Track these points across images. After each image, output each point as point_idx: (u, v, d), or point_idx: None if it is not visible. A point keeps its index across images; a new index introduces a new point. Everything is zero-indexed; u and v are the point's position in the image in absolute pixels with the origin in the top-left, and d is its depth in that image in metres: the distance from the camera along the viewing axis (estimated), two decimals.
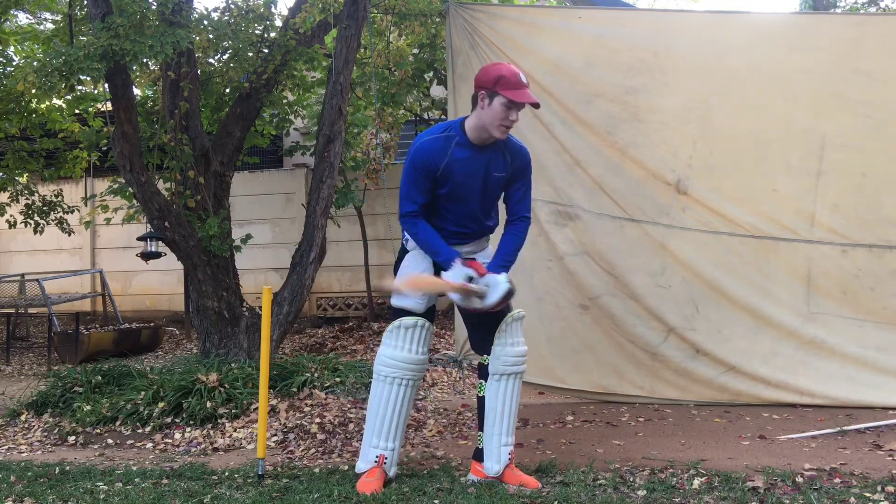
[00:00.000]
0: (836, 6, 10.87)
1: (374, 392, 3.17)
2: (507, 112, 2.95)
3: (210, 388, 4.60)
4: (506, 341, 3.15)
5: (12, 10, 7.01)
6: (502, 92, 2.93)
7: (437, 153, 3.03)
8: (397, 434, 3.16)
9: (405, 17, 6.38)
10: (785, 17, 5.24)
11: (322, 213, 5.63)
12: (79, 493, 3.16)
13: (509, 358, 3.14)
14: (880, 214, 4.44)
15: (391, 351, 3.14)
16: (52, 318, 7.91)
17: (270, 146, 8.86)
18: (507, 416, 3.14)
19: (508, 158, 3.12)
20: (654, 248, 4.61)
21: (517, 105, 2.96)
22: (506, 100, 2.93)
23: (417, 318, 3.13)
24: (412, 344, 3.13)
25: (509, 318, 3.16)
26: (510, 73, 2.96)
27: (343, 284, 9.25)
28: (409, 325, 3.13)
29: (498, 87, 2.94)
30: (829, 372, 4.40)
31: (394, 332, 3.14)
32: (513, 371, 3.15)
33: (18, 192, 7.84)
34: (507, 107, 2.94)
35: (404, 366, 3.12)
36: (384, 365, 3.14)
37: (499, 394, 3.14)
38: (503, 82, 2.93)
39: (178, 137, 5.50)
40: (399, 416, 3.14)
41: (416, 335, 3.13)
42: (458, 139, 3.05)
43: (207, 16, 5.78)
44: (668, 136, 4.59)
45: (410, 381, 3.15)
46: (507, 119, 2.96)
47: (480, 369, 3.23)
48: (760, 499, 2.78)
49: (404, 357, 3.12)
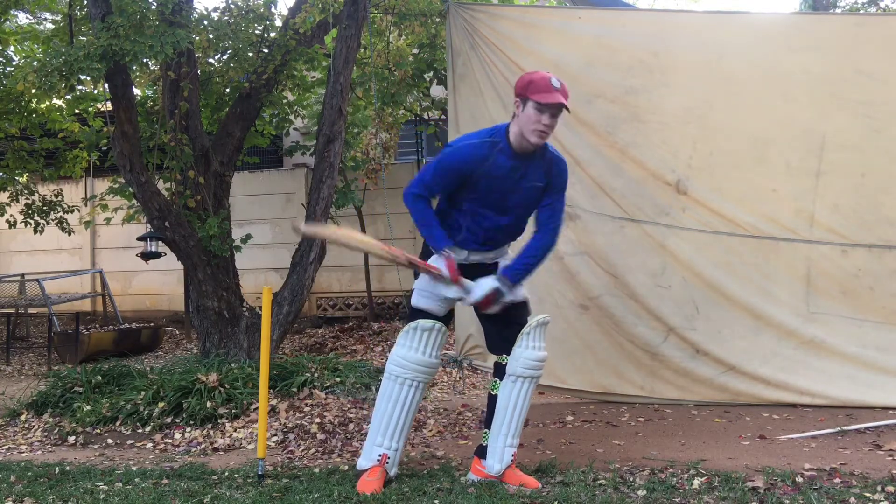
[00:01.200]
0: (836, 6, 10.87)
1: (383, 391, 3.17)
2: (539, 116, 2.99)
3: (210, 388, 4.60)
4: (528, 344, 3.16)
5: (12, 10, 7.01)
6: (532, 96, 2.98)
7: (477, 159, 3.05)
8: (402, 434, 3.16)
9: (405, 17, 6.38)
10: (785, 17, 5.24)
11: (322, 213, 5.63)
12: (79, 493, 3.16)
13: (530, 361, 3.15)
14: (880, 214, 4.44)
15: (405, 352, 3.13)
16: (52, 318, 7.91)
17: (270, 146, 8.86)
18: (517, 418, 3.16)
19: (545, 168, 3.13)
20: (654, 248, 4.61)
21: (549, 108, 2.99)
22: (536, 103, 2.98)
23: (435, 322, 3.12)
24: (427, 347, 3.13)
25: (534, 322, 3.18)
26: (540, 77, 3.03)
27: (343, 284, 9.25)
28: (426, 328, 3.12)
29: (529, 93, 3.00)
30: (829, 372, 4.40)
31: (410, 333, 3.14)
32: (530, 374, 3.16)
33: (18, 192, 7.84)
34: (538, 110, 2.98)
35: (416, 367, 3.12)
36: (396, 365, 3.13)
37: (512, 395, 3.15)
38: (533, 87, 2.99)
39: (178, 137, 5.50)
40: (406, 416, 3.15)
41: (431, 338, 3.13)
42: (501, 145, 3.07)
43: (207, 16, 5.79)
44: (668, 136, 4.59)
45: (421, 383, 3.15)
46: (539, 123, 2.99)
47: (496, 368, 3.24)
48: (760, 499, 2.78)
49: (417, 359, 3.12)
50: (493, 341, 3.28)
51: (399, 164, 9.34)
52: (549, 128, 3.02)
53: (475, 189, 3.08)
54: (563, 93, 3.02)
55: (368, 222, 8.56)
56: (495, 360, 3.26)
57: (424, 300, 3.16)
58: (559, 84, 3.02)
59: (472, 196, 3.10)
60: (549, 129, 3.02)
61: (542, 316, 3.22)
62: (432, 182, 3.12)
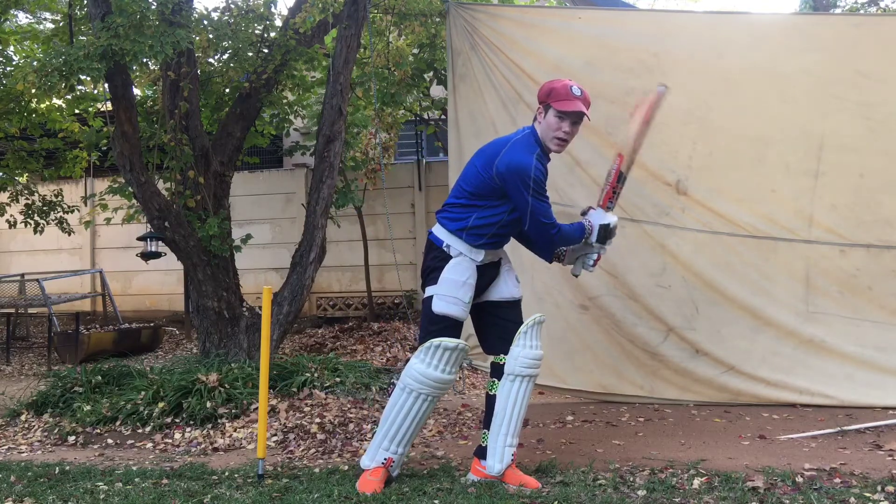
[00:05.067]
0: (836, 6, 10.87)
1: (396, 400, 3.13)
2: (560, 123, 3.04)
3: (210, 388, 4.60)
4: (525, 343, 3.16)
5: (12, 10, 7.01)
6: (553, 104, 3.03)
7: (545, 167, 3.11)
8: (409, 441, 3.18)
9: (405, 17, 6.39)
10: (785, 17, 5.24)
11: (322, 213, 5.63)
12: (79, 493, 3.16)
13: (527, 360, 3.15)
14: (878, 215, 4.45)
15: (424, 368, 3.08)
16: (52, 318, 7.91)
17: (270, 146, 8.86)
18: (516, 418, 3.15)
19: None
20: (654, 248, 4.61)
21: (569, 116, 3.02)
22: (557, 111, 3.02)
23: (459, 342, 3.08)
24: (447, 365, 3.09)
25: (531, 321, 3.19)
26: (561, 85, 3.06)
27: (343, 284, 9.25)
28: (449, 347, 3.06)
29: (550, 100, 3.04)
30: (828, 371, 4.41)
31: (432, 350, 3.07)
32: (528, 373, 3.16)
33: (18, 192, 7.84)
34: (559, 118, 3.03)
35: (433, 384, 3.09)
36: (413, 380, 3.09)
37: (511, 394, 3.15)
38: (554, 94, 3.04)
39: (178, 137, 5.50)
40: (416, 425, 3.15)
41: (452, 357, 3.08)
42: (539, 152, 3.10)
43: (207, 16, 5.79)
44: (668, 136, 4.59)
45: (435, 397, 3.14)
46: (560, 130, 3.04)
47: (494, 368, 3.24)
48: (760, 499, 2.78)
49: (436, 377, 3.08)
50: (490, 342, 3.27)
51: (399, 164, 9.34)
52: (569, 135, 3.08)
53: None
54: (585, 101, 3.06)
55: (368, 222, 8.56)
56: (492, 361, 3.26)
57: (447, 305, 3.11)
58: (580, 92, 3.05)
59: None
60: (569, 136, 3.08)
61: (537, 315, 3.23)
62: (546, 201, 3.10)
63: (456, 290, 3.11)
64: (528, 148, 3.09)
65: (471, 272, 3.14)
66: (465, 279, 3.12)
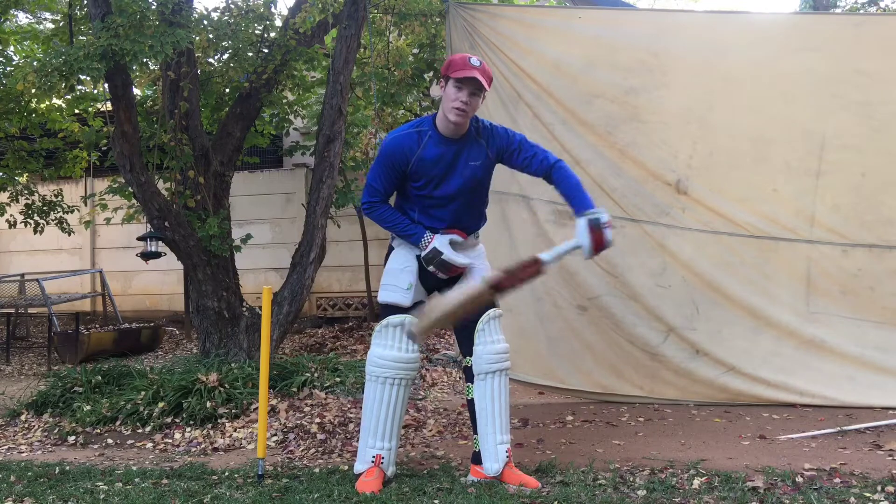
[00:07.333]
0: (836, 6, 10.87)
1: (367, 393, 3.17)
2: (457, 93, 3.01)
3: (210, 388, 4.60)
4: (485, 340, 3.15)
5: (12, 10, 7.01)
6: (451, 74, 3.03)
7: (407, 148, 3.09)
8: (393, 433, 3.16)
9: (405, 17, 6.38)
10: (785, 17, 5.24)
11: (322, 213, 5.63)
12: (79, 493, 3.16)
13: (491, 356, 3.14)
14: (880, 214, 4.45)
15: (381, 350, 3.13)
16: (52, 318, 7.90)
17: (270, 146, 8.85)
18: (499, 414, 3.13)
19: (483, 143, 3.16)
20: (654, 248, 4.61)
21: (465, 84, 3.00)
22: (454, 80, 3.01)
23: (405, 317, 3.11)
24: (401, 343, 3.11)
25: (486, 318, 3.16)
26: (459, 57, 3.09)
27: (343, 284, 9.25)
28: (396, 324, 3.12)
29: (449, 72, 3.05)
30: (829, 372, 4.40)
31: (382, 331, 3.14)
32: (496, 368, 3.14)
33: (18, 192, 7.83)
34: (456, 87, 3.01)
35: (396, 365, 3.11)
36: (375, 365, 3.13)
37: (486, 393, 3.14)
38: (452, 66, 3.05)
39: (178, 137, 5.50)
40: (394, 415, 3.14)
41: (402, 333, 3.11)
42: (430, 133, 3.10)
43: (207, 16, 5.78)
44: (668, 136, 4.59)
45: (403, 380, 3.14)
46: (457, 100, 3.01)
47: (466, 372, 3.24)
48: (760, 499, 2.78)
49: (395, 356, 3.11)
50: (464, 345, 3.25)
51: None
52: (466, 105, 3.01)
53: (418, 179, 3.12)
54: (484, 72, 3.03)
55: (368, 222, 8.54)
56: (463, 365, 3.24)
57: (388, 293, 3.17)
58: (479, 63, 3.05)
59: (415, 186, 3.14)
60: (466, 106, 3.02)
61: (492, 310, 3.19)
62: (377, 183, 3.17)
63: (394, 277, 3.16)
64: (406, 126, 3.15)
65: (408, 261, 3.18)
66: (403, 267, 3.18)
